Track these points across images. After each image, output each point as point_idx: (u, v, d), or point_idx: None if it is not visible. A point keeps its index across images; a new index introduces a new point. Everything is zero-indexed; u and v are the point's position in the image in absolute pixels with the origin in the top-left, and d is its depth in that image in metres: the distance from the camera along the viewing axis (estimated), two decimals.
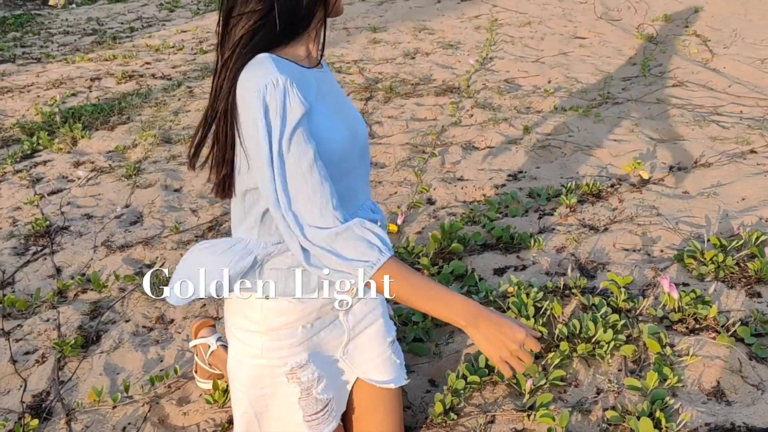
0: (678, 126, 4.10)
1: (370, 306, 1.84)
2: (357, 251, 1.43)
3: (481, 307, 1.49)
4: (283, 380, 1.69)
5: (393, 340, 1.90)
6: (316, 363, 1.72)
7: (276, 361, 1.69)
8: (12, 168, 3.97)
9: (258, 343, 1.68)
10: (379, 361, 1.84)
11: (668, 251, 2.82)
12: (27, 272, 2.97)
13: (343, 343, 1.79)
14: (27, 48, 6.74)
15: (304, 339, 1.70)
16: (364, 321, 1.83)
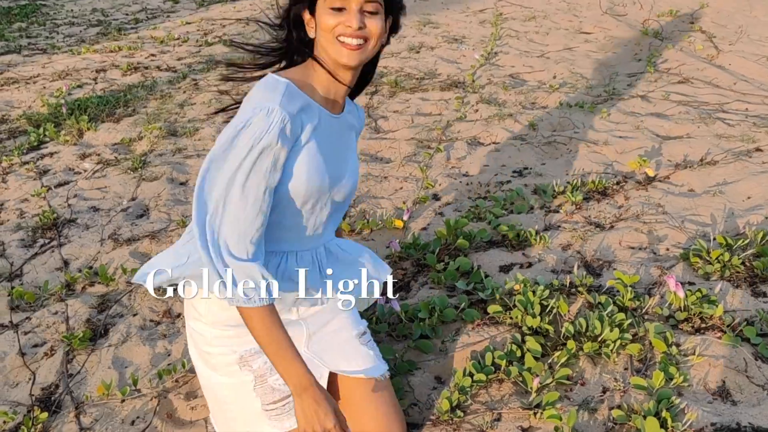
0: (683, 123, 4.10)
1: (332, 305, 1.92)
2: (243, 284, 1.57)
3: (314, 383, 1.62)
4: (236, 368, 1.79)
5: (362, 333, 1.93)
6: None
7: (225, 348, 1.79)
8: (19, 160, 3.98)
9: (207, 332, 1.80)
10: (348, 352, 1.87)
11: (674, 250, 2.83)
12: (35, 264, 2.99)
13: (304, 337, 1.86)
14: (33, 39, 6.75)
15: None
16: (322, 317, 1.90)
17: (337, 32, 1.62)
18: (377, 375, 1.87)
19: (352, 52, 1.63)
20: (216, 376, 1.84)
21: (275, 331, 1.60)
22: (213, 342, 1.80)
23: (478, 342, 2.33)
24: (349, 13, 1.61)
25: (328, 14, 1.61)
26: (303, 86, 1.66)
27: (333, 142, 1.74)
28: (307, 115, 1.64)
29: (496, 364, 2.18)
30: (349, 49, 1.63)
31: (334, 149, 1.74)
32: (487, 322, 2.43)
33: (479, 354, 2.25)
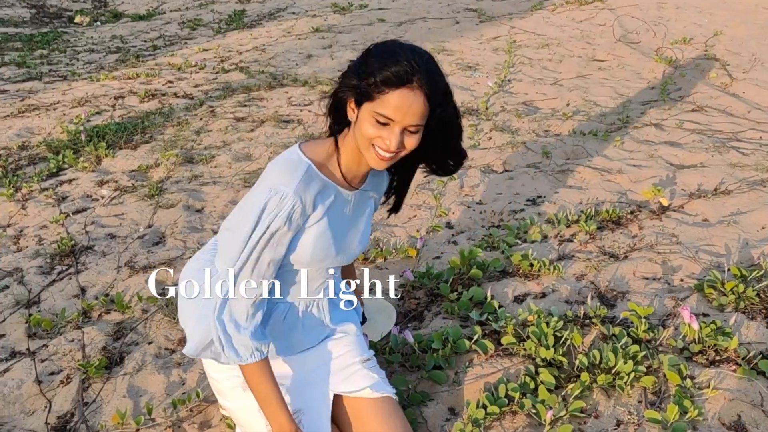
0: (697, 152, 4.10)
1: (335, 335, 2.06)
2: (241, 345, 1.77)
3: (295, 430, 1.81)
4: (240, 392, 1.93)
5: (366, 359, 2.02)
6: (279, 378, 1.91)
7: (230, 373, 1.95)
8: (38, 186, 4.03)
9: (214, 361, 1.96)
10: (350, 374, 1.97)
11: (688, 281, 2.82)
12: (52, 291, 3.02)
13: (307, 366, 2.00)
14: (53, 65, 6.86)
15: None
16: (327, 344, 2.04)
17: (374, 141, 1.67)
18: (382, 391, 1.92)
19: (382, 161, 1.69)
20: (224, 401, 2.03)
21: (264, 384, 1.79)
22: (219, 369, 1.96)
23: (492, 373, 2.33)
24: (391, 131, 1.64)
25: (370, 122, 1.65)
26: (323, 167, 1.78)
27: (346, 216, 1.87)
28: (323, 195, 1.77)
29: (509, 396, 2.18)
30: (380, 157, 1.69)
31: (346, 223, 1.88)
32: (501, 353, 2.43)
33: (492, 386, 2.26)
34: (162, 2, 10.19)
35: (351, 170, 1.82)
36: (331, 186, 1.79)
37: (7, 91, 5.94)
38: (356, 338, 2.07)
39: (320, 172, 1.76)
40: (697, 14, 7.58)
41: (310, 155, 1.77)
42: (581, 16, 7.88)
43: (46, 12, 9.78)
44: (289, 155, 1.78)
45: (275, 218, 1.68)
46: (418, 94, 1.61)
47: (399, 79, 1.60)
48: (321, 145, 1.82)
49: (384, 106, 1.61)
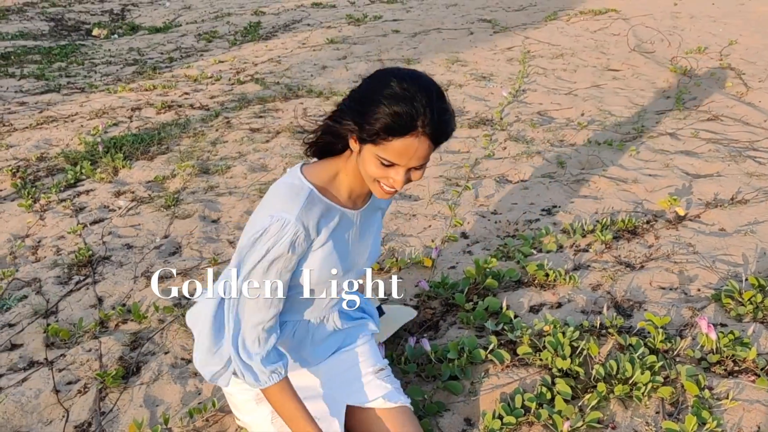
0: (713, 161, 4.08)
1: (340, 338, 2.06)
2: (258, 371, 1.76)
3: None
4: (253, 405, 1.95)
5: (379, 369, 2.02)
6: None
7: (242, 386, 1.94)
8: (56, 197, 4.07)
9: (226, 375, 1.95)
10: (362, 383, 1.97)
11: (705, 290, 2.80)
12: (70, 301, 3.04)
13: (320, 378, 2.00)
14: (71, 78, 6.93)
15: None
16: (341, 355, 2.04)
17: (379, 179, 1.64)
18: (396, 401, 1.92)
19: (387, 194, 1.67)
20: (240, 415, 2.03)
21: (288, 404, 1.78)
22: (232, 382, 1.96)
23: (508, 384, 2.32)
24: (396, 172, 1.60)
25: (374, 163, 1.60)
26: (326, 191, 1.75)
27: (352, 236, 1.85)
28: (326, 219, 1.74)
29: (525, 407, 2.17)
30: (386, 191, 1.66)
31: (352, 243, 1.86)
32: (517, 363, 2.42)
33: (509, 396, 2.25)
34: (178, 15, 10.29)
35: (354, 191, 1.80)
36: (335, 209, 1.76)
37: (26, 103, 6.01)
38: (369, 348, 2.08)
39: (323, 196, 1.73)
40: (712, 23, 7.56)
41: (312, 179, 1.74)
42: (595, 26, 7.88)
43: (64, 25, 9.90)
44: (290, 180, 1.74)
45: (275, 245, 1.66)
46: (423, 139, 1.54)
47: (402, 128, 1.52)
48: (323, 167, 1.78)
49: (387, 152, 1.56)
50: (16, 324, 2.89)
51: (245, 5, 10.78)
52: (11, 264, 3.39)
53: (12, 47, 8.35)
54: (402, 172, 1.59)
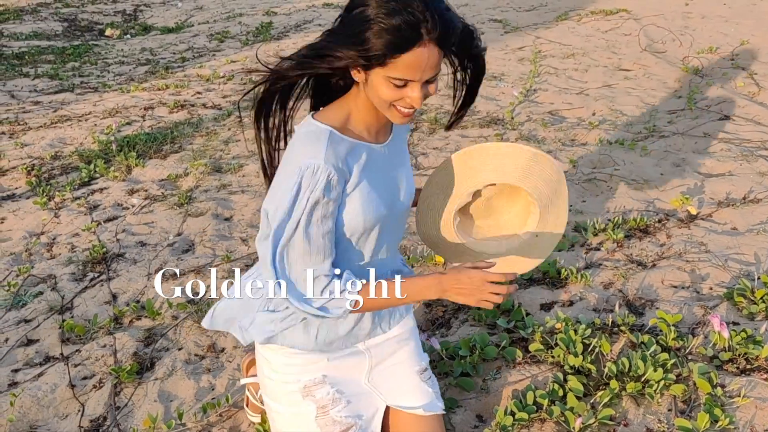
0: (725, 160, 4.07)
1: (394, 333, 1.94)
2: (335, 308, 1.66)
3: (439, 275, 1.68)
4: (299, 398, 1.81)
5: (423, 369, 1.96)
6: (336, 385, 1.82)
7: (290, 377, 1.81)
8: (71, 195, 4.11)
9: (274, 358, 1.82)
10: (407, 388, 1.90)
11: (717, 289, 2.80)
12: (85, 298, 3.07)
13: (366, 369, 1.88)
14: (85, 77, 6.98)
15: (318, 359, 1.82)
16: (387, 348, 1.92)
17: (394, 103, 1.56)
18: (433, 412, 1.89)
19: (406, 117, 1.59)
20: (275, 405, 1.87)
21: (382, 300, 1.68)
22: (278, 369, 1.83)
23: (520, 381, 2.33)
24: (412, 89, 1.52)
25: (386, 86, 1.51)
26: (345, 129, 1.64)
27: (384, 169, 1.73)
28: (354, 156, 1.64)
29: (537, 404, 2.18)
30: (404, 114, 1.58)
31: (386, 176, 1.73)
32: (529, 360, 2.43)
33: (521, 393, 2.26)
34: (190, 15, 10.34)
35: (372, 126, 1.69)
36: (360, 146, 1.66)
37: (41, 103, 6.06)
38: (415, 341, 1.99)
39: (344, 135, 1.63)
40: (723, 23, 7.54)
41: (327, 122, 1.63)
42: (606, 26, 7.87)
43: (77, 25, 9.96)
44: (306, 129, 1.63)
45: (313, 192, 1.55)
46: (432, 46, 1.45)
47: (407, 40, 1.43)
48: (333, 110, 1.67)
49: (398, 71, 1.47)
50: (32, 320, 2.93)
51: (257, 6, 10.82)
52: (27, 261, 3.43)
53: (26, 47, 8.42)
54: (417, 87, 1.51)
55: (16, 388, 2.48)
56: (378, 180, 1.69)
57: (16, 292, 3.12)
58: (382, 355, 1.91)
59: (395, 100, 1.54)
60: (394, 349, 1.94)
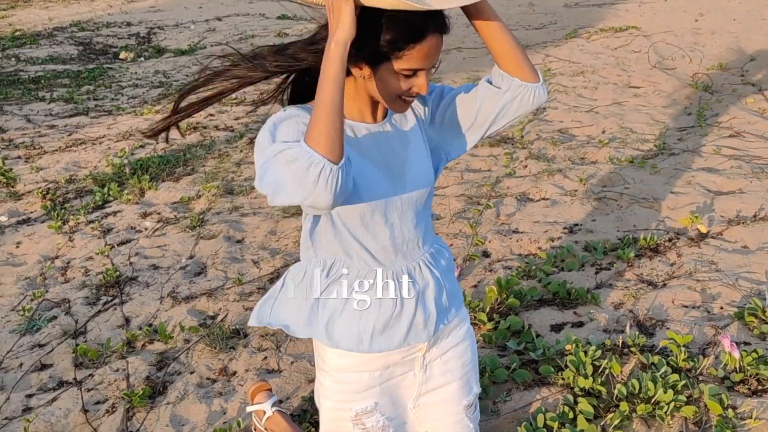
0: (736, 178, 4.06)
1: (449, 366, 1.82)
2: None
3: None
4: (349, 425, 1.74)
5: (470, 404, 1.87)
6: (384, 410, 1.75)
7: (342, 404, 1.74)
8: (85, 218, 4.16)
9: (327, 383, 1.74)
10: (450, 422, 1.83)
11: (728, 308, 2.79)
12: (98, 322, 3.11)
13: (415, 394, 1.80)
14: (99, 101, 7.07)
15: (370, 385, 1.73)
16: (440, 379, 1.81)
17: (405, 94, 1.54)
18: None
19: (407, 105, 1.59)
20: (330, 430, 1.81)
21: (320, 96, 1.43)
22: (330, 395, 1.76)
23: (530, 403, 2.33)
24: (421, 77, 1.52)
25: (398, 78, 1.50)
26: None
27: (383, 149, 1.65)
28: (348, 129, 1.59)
29: (548, 426, 2.18)
30: (408, 103, 1.58)
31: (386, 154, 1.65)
32: (539, 382, 2.43)
33: (531, 415, 2.26)
34: (203, 38, 10.45)
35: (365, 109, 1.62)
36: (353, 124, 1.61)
37: (56, 126, 6.14)
38: (468, 370, 1.88)
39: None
40: (733, 39, 7.53)
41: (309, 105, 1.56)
42: (616, 43, 7.88)
43: (92, 49, 10.09)
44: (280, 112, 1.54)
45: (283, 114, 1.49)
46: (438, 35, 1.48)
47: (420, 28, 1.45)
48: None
49: (412, 61, 1.48)
50: (46, 344, 2.96)
51: (268, 27, 10.92)
52: (41, 285, 3.47)
53: (42, 71, 8.54)
54: (425, 75, 1.51)
55: (30, 413, 2.51)
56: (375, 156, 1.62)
57: (30, 316, 3.16)
58: (433, 384, 1.81)
59: (407, 90, 1.53)
60: (446, 379, 1.83)
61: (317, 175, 1.37)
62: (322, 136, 1.38)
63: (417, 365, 1.77)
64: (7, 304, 3.30)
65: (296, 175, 1.38)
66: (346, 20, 1.41)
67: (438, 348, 1.79)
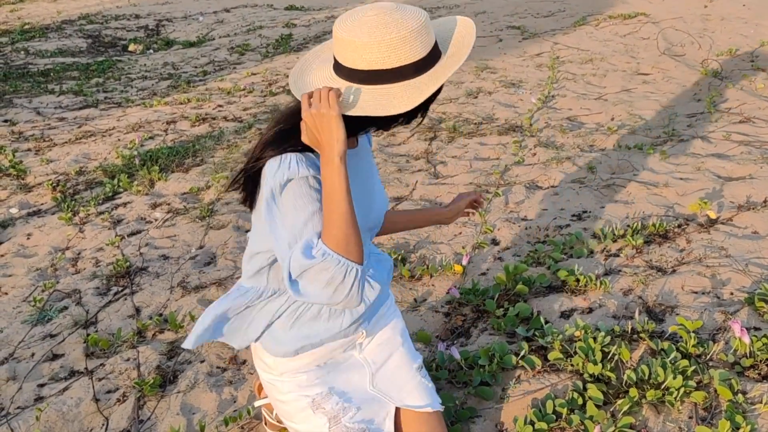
0: (745, 163, 4.04)
1: (384, 337, 2.00)
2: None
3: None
4: (310, 413, 1.87)
5: (420, 366, 2.03)
6: (343, 395, 1.88)
7: (296, 394, 1.88)
8: (95, 210, 4.18)
9: (279, 384, 1.90)
10: (411, 386, 1.96)
11: (738, 294, 2.78)
12: (109, 312, 3.13)
13: (369, 377, 1.95)
14: (109, 93, 7.09)
15: (321, 375, 1.89)
16: (382, 353, 1.99)
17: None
18: (439, 408, 1.97)
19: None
20: (291, 424, 1.94)
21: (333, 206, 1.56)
22: (284, 390, 1.90)
23: (539, 389, 2.33)
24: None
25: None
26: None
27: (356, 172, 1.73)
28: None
29: (557, 412, 2.18)
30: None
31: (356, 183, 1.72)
32: (548, 369, 2.43)
33: (540, 402, 2.26)
34: (211, 29, 10.45)
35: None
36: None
37: (66, 119, 6.17)
38: (407, 342, 2.05)
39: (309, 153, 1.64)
40: (743, 25, 7.47)
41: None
42: (625, 30, 7.83)
43: (101, 41, 10.11)
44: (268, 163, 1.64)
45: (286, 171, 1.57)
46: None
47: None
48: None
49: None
50: (57, 334, 2.98)
51: (276, 18, 10.91)
52: (52, 276, 3.49)
53: (51, 64, 8.56)
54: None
55: (42, 402, 2.53)
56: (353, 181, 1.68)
57: (41, 307, 3.19)
58: (379, 362, 1.98)
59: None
60: (389, 352, 2.00)
61: (352, 281, 1.54)
62: (351, 245, 1.54)
63: (357, 351, 1.96)
64: (19, 295, 3.32)
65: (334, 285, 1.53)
66: (341, 135, 1.51)
67: (374, 332, 1.98)
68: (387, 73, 1.54)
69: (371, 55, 1.52)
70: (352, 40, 1.52)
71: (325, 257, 1.52)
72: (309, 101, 1.53)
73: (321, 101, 1.50)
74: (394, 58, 1.52)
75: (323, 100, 1.50)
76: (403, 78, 1.54)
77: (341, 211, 1.53)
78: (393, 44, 1.51)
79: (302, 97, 1.55)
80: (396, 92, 1.54)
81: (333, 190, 1.53)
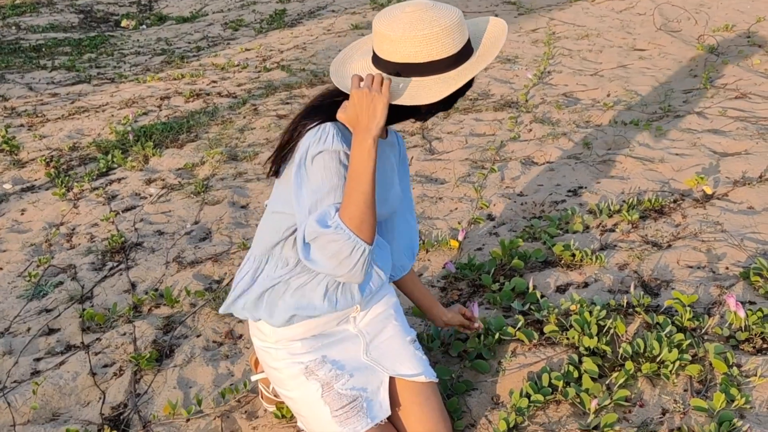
0: (741, 139, 4.03)
1: (378, 311, 2.05)
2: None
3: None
4: (303, 379, 1.90)
5: (413, 340, 2.07)
6: (336, 363, 1.92)
7: (290, 361, 1.92)
8: (89, 186, 4.16)
9: (273, 351, 1.94)
10: (404, 356, 2.00)
11: (734, 269, 2.79)
12: (104, 287, 3.12)
13: (363, 347, 1.99)
14: (101, 69, 7.04)
15: (315, 344, 1.93)
16: (376, 325, 2.03)
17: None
18: (432, 378, 1.99)
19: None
20: (285, 391, 1.98)
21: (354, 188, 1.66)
22: (278, 357, 1.94)
23: (535, 363, 2.34)
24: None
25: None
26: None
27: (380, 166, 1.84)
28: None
29: (553, 385, 2.19)
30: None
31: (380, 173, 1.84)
32: (544, 342, 2.44)
33: (536, 375, 2.27)
34: (205, 4, 10.36)
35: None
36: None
37: (58, 95, 6.12)
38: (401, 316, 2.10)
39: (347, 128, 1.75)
40: (739, 1, 7.43)
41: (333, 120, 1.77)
42: (621, 5, 7.79)
43: (93, 17, 10.02)
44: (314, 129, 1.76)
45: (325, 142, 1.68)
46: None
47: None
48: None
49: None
50: (53, 309, 2.98)
51: None
52: (47, 251, 3.48)
53: (43, 40, 8.49)
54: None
55: (39, 376, 2.53)
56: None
57: (36, 282, 3.18)
58: (373, 333, 2.01)
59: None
60: (383, 325, 2.04)
61: (358, 258, 1.63)
62: (365, 225, 1.64)
63: (351, 325, 2.00)
64: (14, 270, 3.31)
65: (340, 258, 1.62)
66: (382, 120, 1.63)
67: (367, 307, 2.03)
68: (420, 66, 1.67)
69: (406, 49, 1.66)
70: (388, 34, 1.67)
71: (337, 230, 1.61)
72: (359, 82, 1.65)
73: (374, 84, 1.62)
74: (426, 52, 1.66)
75: (376, 83, 1.63)
76: (436, 72, 1.68)
77: (362, 190, 1.63)
78: (426, 40, 1.65)
79: (353, 77, 1.67)
80: (427, 84, 1.68)
81: (360, 170, 1.64)
